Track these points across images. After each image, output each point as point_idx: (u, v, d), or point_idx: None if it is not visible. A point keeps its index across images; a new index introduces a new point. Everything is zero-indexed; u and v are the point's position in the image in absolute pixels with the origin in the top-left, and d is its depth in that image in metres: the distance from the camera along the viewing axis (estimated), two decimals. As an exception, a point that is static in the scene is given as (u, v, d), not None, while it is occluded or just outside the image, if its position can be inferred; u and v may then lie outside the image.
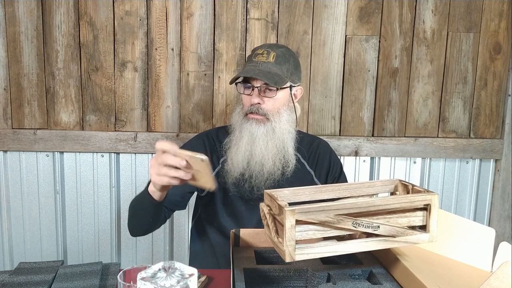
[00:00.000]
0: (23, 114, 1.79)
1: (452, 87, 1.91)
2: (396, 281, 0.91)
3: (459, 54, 1.89)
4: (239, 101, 1.40)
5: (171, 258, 1.92)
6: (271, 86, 1.29)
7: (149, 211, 1.20)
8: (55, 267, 1.11)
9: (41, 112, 1.80)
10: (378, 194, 1.02)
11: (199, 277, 1.03)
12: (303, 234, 0.83)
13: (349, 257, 1.02)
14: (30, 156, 1.82)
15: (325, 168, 1.43)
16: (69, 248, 1.89)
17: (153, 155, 1.83)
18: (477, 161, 1.98)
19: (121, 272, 0.76)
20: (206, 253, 1.42)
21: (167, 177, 1.01)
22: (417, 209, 0.90)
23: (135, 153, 1.84)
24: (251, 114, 1.31)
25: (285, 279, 0.95)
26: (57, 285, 1.00)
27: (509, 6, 1.87)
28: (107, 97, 1.80)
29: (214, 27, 1.79)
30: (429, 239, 0.91)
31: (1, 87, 1.77)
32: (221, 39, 1.80)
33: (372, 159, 1.94)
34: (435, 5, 1.84)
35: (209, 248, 1.41)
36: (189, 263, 1.46)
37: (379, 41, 1.85)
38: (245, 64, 1.39)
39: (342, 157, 1.89)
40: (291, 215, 0.80)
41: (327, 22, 1.82)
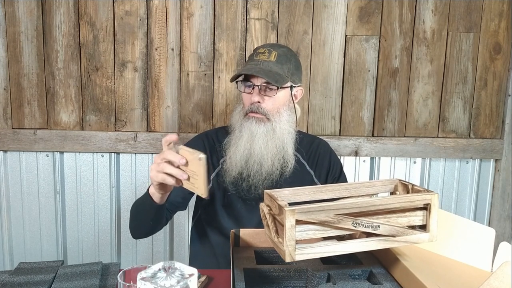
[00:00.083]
0: (23, 114, 1.79)
1: (452, 87, 1.91)
2: (396, 281, 0.91)
3: (459, 54, 1.89)
4: (239, 100, 1.40)
5: (171, 258, 1.92)
6: (271, 85, 1.29)
7: (150, 214, 1.19)
8: (55, 267, 1.11)
9: (41, 112, 1.80)
10: (378, 194, 1.02)
11: (199, 277, 1.03)
12: (303, 234, 0.83)
13: (349, 257, 1.02)
14: (30, 156, 1.82)
15: (325, 168, 1.43)
16: (69, 248, 1.89)
17: (153, 155, 1.84)
18: (477, 161, 1.98)
19: (121, 272, 0.76)
20: (206, 253, 1.42)
21: (163, 173, 1.01)
22: (417, 209, 0.90)
23: (135, 153, 1.84)
24: (251, 113, 1.31)
25: (285, 279, 0.95)
26: (57, 285, 1.00)
27: (509, 6, 1.87)
28: (107, 97, 1.80)
29: (214, 27, 1.79)
30: (429, 238, 0.91)
31: (1, 87, 1.77)
32: (221, 39, 1.80)
33: (372, 159, 1.94)
34: (435, 5, 1.84)
35: (209, 248, 1.41)
36: (189, 263, 1.46)
37: (379, 41, 1.85)
38: (246, 62, 1.38)
39: (342, 157, 1.89)
40: (291, 215, 0.80)
41: (327, 22, 1.82)
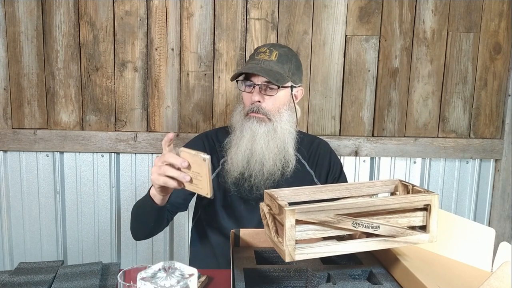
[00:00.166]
0: (23, 114, 1.79)
1: (452, 87, 1.91)
2: (396, 281, 0.91)
3: (459, 54, 1.89)
4: (240, 100, 1.40)
5: (171, 258, 1.92)
6: (272, 84, 1.28)
7: (151, 215, 1.19)
8: (55, 267, 1.11)
9: (41, 112, 1.80)
10: (378, 194, 1.02)
11: (199, 277, 1.03)
12: (303, 234, 0.83)
13: (349, 257, 1.02)
14: (30, 156, 1.82)
15: (325, 168, 1.43)
16: (69, 248, 1.89)
17: (153, 155, 1.84)
18: (477, 161, 1.98)
19: (121, 272, 0.76)
20: (206, 254, 1.42)
21: (164, 176, 1.01)
22: (417, 209, 0.90)
23: (135, 153, 1.84)
24: (252, 113, 1.31)
25: (285, 279, 0.95)
26: (57, 285, 1.00)
27: (509, 6, 1.87)
28: (107, 97, 1.80)
29: (214, 27, 1.79)
30: (429, 239, 0.91)
31: (1, 87, 1.77)
32: (221, 39, 1.80)
33: (372, 159, 1.94)
34: (435, 5, 1.84)
35: (209, 249, 1.41)
36: (189, 264, 1.45)
37: (379, 41, 1.85)
38: (247, 62, 1.38)
39: (342, 157, 1.89)
40: (291, 215, 0.80)
41: (327, 22, 1.82)
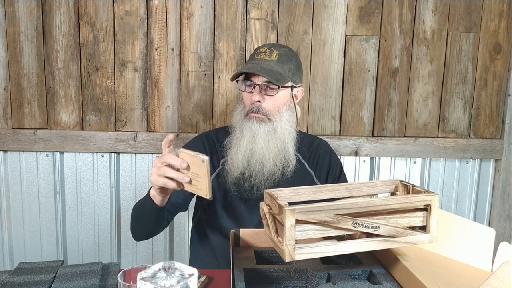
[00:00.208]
0: (23, 114, 1.79)
1: (452, 87, 1.91)
2: (396, 281, 0.91)
3: (459, 54, 1.89)
4: (240, 100, 1.40)
5: (171, 258, 1.92)
6: (272, 84, 1.28)
7: (151, 216, 1.19)
8: (55, 267, 1.11)
9: (41, 112, 1.80)
10: (378, 194, 1.02)
11: (199, 277, 1.03)
12: (303, 234, 0.83)
13: (349, 257, 1.02)
14: (30, 156, 1.82)
15: (325, 168, 1.43)
16: (69, 248, 1.89)
17: (153, 155, 1.84)
18: (477, 161, 1.98)
19: (121, 272, 0.76)
20: (206, 254, 1.42)
21: (164, 177, 1.01)
22: (417, 210, 0.90)
23: (135, 153, 1.84)
24: (252, 113, 1.31)
25: (285, 279, 0.95)
26: (57, 285, 1.00)
27: (509, 6, 1.87)
28: (107, 97, 1.80)
29: (214, 27, 1.79)
30: (429, 239, 0.91)
31: (1, 87, 1.77)
32: (221, 39, 1.80)
33: (372, 159, 1.94)
34: (435, 5, 1.84)
35: (209, 249, 1.41)
36: (189, 264, 1.46)
37: (379, 41, 1.85)
38: (247, 61, 1.38)
39: (342, 157, 1.89)
40: (291, 215, 0.80)
41: (327, 22, 1.82)
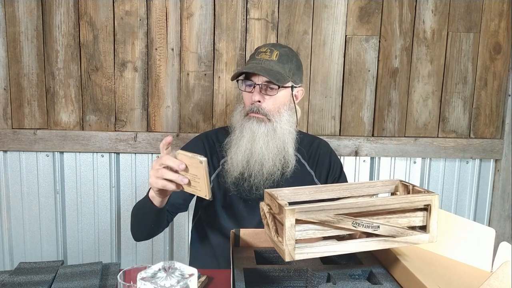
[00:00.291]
0: (23, 114, 1.79)
1: (452, 87, 1.91)
2: (396, 281, 0.91)
3: (459, 54, 1.89)
4: (240, 100, 1.40)
5: (171, 258, 1.92)
6: (272, 84, 1.28)
7: (150, 217, 1.19)
8: (55, 267, 1.11)
9: (41, 112, 1.80)
10: (378, 194, 1.02)
11: (199, 277, 1.03)
12: (303, 234, 0.83)
13: (349, 257, 1.02)
14: (30, 156, 1.82)
15: (325, 168, 1.43)
16: (69, 248, 1.89)
17: (153, 155, 1.84)
18: (477, 161, 1.98)
19: (121, 272, 0.76)
20: (206, 254, 1.42)
21: (163, 179, 1.01)
22: (417, 210, 0.90)
23: (135, 153, 1.84)
24: (252, 113, 1.31)
25: (285, 279, 0.95)
26: (57, 285, 1.00)
27: (509, 6, 1.87)
28: (107, 97, 1.80)
29: (214, 27, 1.79)
30: (429, 239, 0.91)
31: (1, 87, 1.77)
32: (221, 39, 1.80)
33: (372, 159, 1.94)
34: (435, 5, 1.84)
35: (209, 249, 1.41)
36: (189, 264, 1.46)
37: (379, 41, 1.85)
38: (248, 61, 1.38)
39: (342, 157, 1.89)
40: (291, 214, 0.80)
41: (327, 22, 1.82)
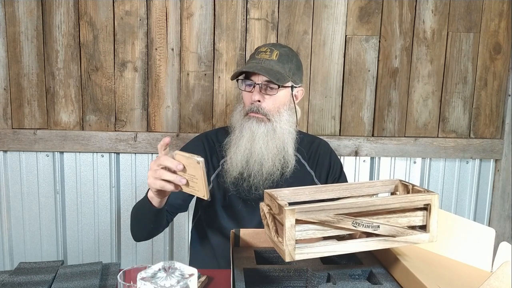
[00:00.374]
0: (23, 114, 1.79)
1: (452, 87, 1.91)
2: (396, 281, 0.91)
3: (459, 54, 1.89)
4: (240, 100, 1.40)
5: (171, 258, 1.92)
6: (272, 83, 1.28)
7: (149, 218, 1.19)
8: (55, 267, 1.11)
9: (41, 112, 1.80)
10: (378, 194, 1.02)
11: (199, 277, 1.03)
12: (303, 234, 0.83)
13: (349, 257, 1.02)
14: (30, 156, 1.82)
15: (325, 168, 1.43)
16: (69, 248, 1.89)
17: (153, 155, 1.84)
18: (477, 161, 1.98)
19: (121, 272, 0.76)
20: (206, 254, 1.42)
21: (161, 180, 1.01)
22: (417, 209, 0.90)
23: (135, 153, 1.84)
24: (252, 113, 1.31)
25: (285, 279, 0.95)
26: (57, 285, 1.00)
27: (509, 6, 1.87)
28: (107, 97, 1.80)
29: (214, 27, 1.79)
30: (429, 239, 0.91)
31: (1, 87, 1.77)
32: (221, 39, 1.80)
33: (372, 159, 1.94)
34: (435, 5, 1.84)
35: (209, 249, 1.41)
36: (189, 264, 1.46)
37: (379, 41, 1.85)
38: (248, 61, 1.38)
39: (342, 157, 1.89)
40: (291, 215, 0.80)
41: (327, 22, 1.82)
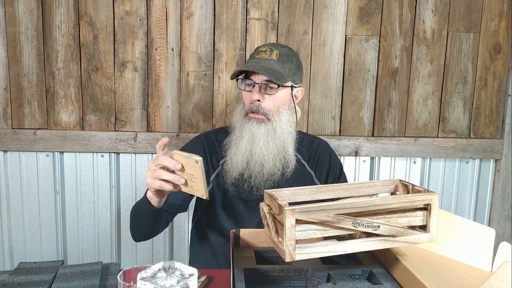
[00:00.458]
0: (23, 114, 1.79)
1: (452, 87, 1.91)
2: (396, 281, 0.91)
3: (459, 54, 1.89)
4: (240, 100, 1.39)
5: (171, 258, 1.92)
6: (272, 83, 1.28)
7: (148, 218, 1.19)
8: (55, 267, 1.11)
9: (41, 112, 1.80)
10: (378, 194, 1.02)
11: (199, 277, 1.03)
12: (303, 234, 0.83)
13: (349, 257, 1.02)
14: (30, 156, 1.82)
15: (325, 168, 1.43)
16: (69, 248, 1.89)
17: (153, 155, 1.84)
18: (477, 161, 1.98)
19: (121, 272, 0.76)
20: (206, 255, 1.41)
21: (159, 179, 1.01)
22: (417, 209, 0.90)
23: (135, 153, 1.84)
24: (251, 113, 1.30)
25: (285, 279, 0.95)
26: (57, 285, 1.00)
27: (509, 6, 1.87)
28: (107, 97, 1.80)
29: (214, 27, 1.79)
30: (429, 239, 0.91)
31: (1, 87, 1.77)
32: (221, 39, 1.80)
33: (372, 159, 1.94)
34: (435, 5, 1.84)
35: (209, 250, 1.41)
36: (189, 264, 1.46)
37: (379, 41, 1.85)
38: (247, 60, 1.38)
39: (342, 157, 1.89)
40: (291, 215, 0.80)
41: (327, 22, 1.82)
